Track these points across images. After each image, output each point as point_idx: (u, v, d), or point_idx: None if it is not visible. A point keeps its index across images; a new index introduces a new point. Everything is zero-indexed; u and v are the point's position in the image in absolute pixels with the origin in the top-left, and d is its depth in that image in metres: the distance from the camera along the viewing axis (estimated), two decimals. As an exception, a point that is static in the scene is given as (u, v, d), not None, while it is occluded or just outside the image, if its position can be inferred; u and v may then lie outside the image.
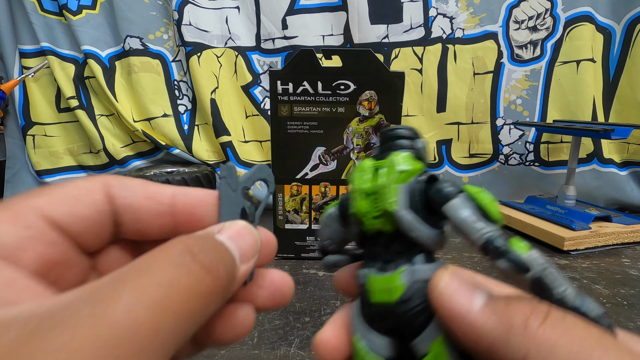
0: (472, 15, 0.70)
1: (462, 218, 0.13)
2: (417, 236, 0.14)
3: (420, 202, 0.14)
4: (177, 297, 0.10)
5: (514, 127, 0.72)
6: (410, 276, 0.14)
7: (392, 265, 0.15)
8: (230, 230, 0.13)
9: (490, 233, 0.13)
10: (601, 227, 0.54)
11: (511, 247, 0.12)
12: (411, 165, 0.15)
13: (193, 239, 0.12)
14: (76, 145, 0.80)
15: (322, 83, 0.47)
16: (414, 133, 0.16)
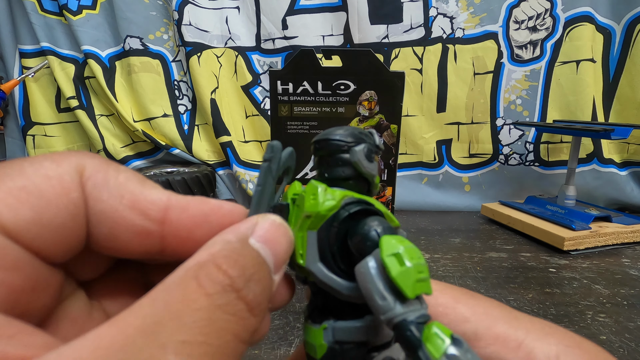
0: (472, 15, 0.70)
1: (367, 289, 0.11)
2: (335, 292, 0.12)
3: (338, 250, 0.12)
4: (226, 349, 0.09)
5: (514, 127, 0.72)
6: (330, 336, 0.12)
7: (319, 317, 0.13)
8: (264, 230, 0.11)
9: (399, 318, 0.10)
10: (601, 227, 0.54)
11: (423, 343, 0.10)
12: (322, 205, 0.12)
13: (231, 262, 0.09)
14: (76, 145, 0.80)
15: (322, 83, 0.47)
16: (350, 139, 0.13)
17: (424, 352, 0.10)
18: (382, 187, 0.48)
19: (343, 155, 0.13)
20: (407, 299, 0.10)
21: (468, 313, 0.13)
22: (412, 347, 0.10)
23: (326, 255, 0.12)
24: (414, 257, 0.11)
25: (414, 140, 0.75)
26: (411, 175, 0.76)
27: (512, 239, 0.58)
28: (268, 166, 0.12)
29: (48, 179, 0.10)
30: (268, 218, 0.11)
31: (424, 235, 0.59)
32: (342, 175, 0.13)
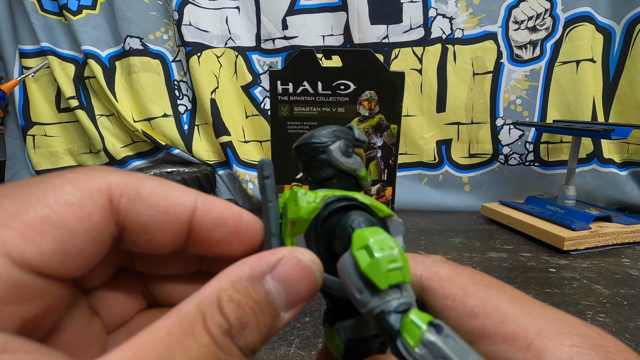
0: (472, 15, 0.70)
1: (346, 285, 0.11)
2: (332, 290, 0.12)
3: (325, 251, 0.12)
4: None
5: (514, 127, 0.72)
6: (343, 336, 0.13)
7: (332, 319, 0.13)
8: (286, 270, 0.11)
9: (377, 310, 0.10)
10: (601, 227, 0.54)
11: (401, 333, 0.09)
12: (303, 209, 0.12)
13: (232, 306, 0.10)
14: (76, 145, 0.80)
15: (322, 83, 0.47)
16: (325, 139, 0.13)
17: (402, 342, 0.09)
18: (382, 187, 0.48)
19: (321, 156, 0.13)
20: (381, 290, 0.10)
21: (477, 308, 0.12)
22: (390, 338, 0.10)
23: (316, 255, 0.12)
24: (384, 248, 0.10)
25: (414, 140, 0.75)
26: (411, 175, 0.76)
27: (512, 239, 0.58)
28: (271, 182, 0.13)
29: (70, 207, 0.09)
30: (295, 257, 0.11)
31: (424, 235, 0.59)
32: (324, 176, 0.13)
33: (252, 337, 0.10)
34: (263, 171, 0.13)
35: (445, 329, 0.09)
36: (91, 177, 0.10)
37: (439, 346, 0.09)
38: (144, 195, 0.11)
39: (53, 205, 0.09)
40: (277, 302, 0.10)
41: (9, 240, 0.09)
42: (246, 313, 0.10)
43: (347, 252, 0.11)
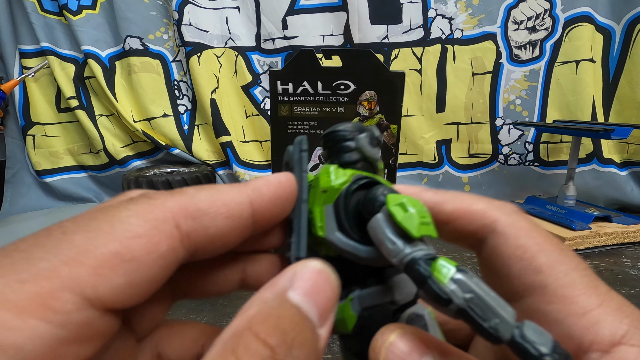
0: (471, 16, 0.70)
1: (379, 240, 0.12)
2: (356, 259, 0.13)
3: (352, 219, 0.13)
4: None
5: (514, 127, 0.72)
6: (357, 305, 0.13)
7: (344, 292, 0.13)
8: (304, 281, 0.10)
9: (408, 257, 0.11)
10: (601, 227, 0.54)
11: (432, 274, 0.11)
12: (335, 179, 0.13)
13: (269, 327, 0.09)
14: (76, 145, 0.80)
15: (322, 83, 0.47)
16: (354, 129, 0.14)
17: (433, 281, 0.10)
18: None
19: (349, 143, 0.14)
20: (414, 239, 0.11)
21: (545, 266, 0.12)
22: (422, 280, 0.11)
23: (343, 225, 0.13)
24: (416, 205, 0.12)
25: (414, 140, 0.75)
26: (411, 175, 0.76)
27: (512, 239, 0.58)
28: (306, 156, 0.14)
29: (138, 238, 0.09)
30: (307, 266, 0.11)
31: (424, 235, 0.59)
32: (350, 160, 0.14)
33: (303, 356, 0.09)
34: (301, 145, 0.14)
35: (469, 272, 0.11)
36: (153, 207, 0.10)
37: (467, 282, 0.10)
38: (205, 209, 0.11)
39: (122, 239, 0.09)
40: (310, 314, 0.10)
41: (83, 278, 0.09)
42: (286, 332, 0.09)
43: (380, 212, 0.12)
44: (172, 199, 0.11)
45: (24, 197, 0.78)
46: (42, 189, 0.80)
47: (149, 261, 0.10)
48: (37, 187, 0.80)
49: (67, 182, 0.79)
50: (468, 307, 0.10)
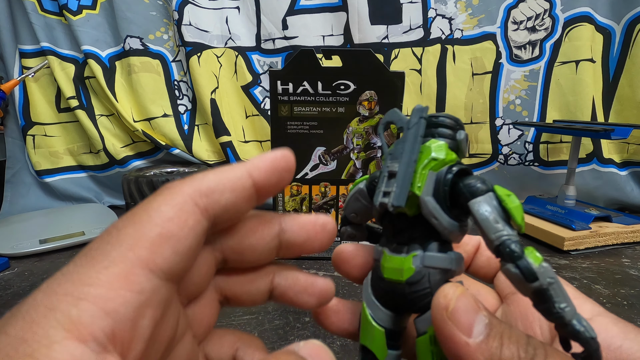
0: (471, 16, 0.70)
1: (485, 215, 0.14)
2: (437, 224, 0.15)
3: (447, 193, 0.15)
4: None
5: (514, 127, 0.72)
6: (420, 262, 0.15)
7: (406, 248, 0.16)
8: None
9: (508, 236, 0.13)
10: (601, 227, 0.54)
11: (525, 255, 0.13)
12: (445, 155, 0.15)
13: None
14: (76, 145, 0.80)
15: (322, 83, 0.47)
16: (457, 123, 0.16)
17: (527, 260, 0.13)
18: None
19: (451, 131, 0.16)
20: (516, 225, 0.13)
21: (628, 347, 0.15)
22: (516, 256, 0.13)
23: (439, 192, 0.15)
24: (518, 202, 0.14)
25: (414, 141, 0.75)
26: (411, 176, 0.76)
27: (512, 239, 0.58)
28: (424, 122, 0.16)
29: (171, 220, 0.12)
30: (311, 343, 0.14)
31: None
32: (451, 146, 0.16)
33: None
34: (423, 113, 0.16)
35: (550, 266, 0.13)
36: (175, 194, 0.13)
37: (551, 270, 0.13)
38: (213, 187, 0.14)
39: (160, 224, 0.12)
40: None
41: (145, 257, 0.12)
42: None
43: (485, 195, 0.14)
44: (188, 185, 0.13)
45: (24, 197, 0.78)
46: (42, 189, 0.80)
47: (182, 234, 0.12)
48: (37, 187, 0.80)
49: (67, 182, 0.79)
50: (549, 288, 0.12)
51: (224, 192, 0.14)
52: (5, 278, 0.47)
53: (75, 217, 0.68)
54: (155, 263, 0.12)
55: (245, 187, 0.14)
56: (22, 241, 0.55)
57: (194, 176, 0.14)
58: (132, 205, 0.64)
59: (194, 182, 0.14)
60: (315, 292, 0.17)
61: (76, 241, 0.56)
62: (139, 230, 0.12)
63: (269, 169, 0.15)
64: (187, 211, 0.13)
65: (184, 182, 0.14)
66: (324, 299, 0.17)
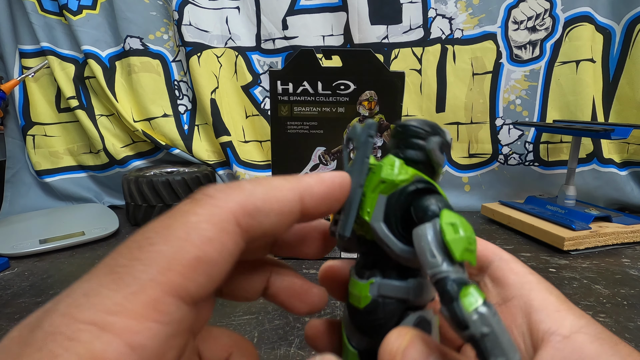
0: (471, 16, 0.70)
1: (421, 247, 0.12)
2: (389, 251, 0.14)
3: (400, 216, 0.14)
4: None
5: (514, 127, 0.72)
6: (377, 290, 0.14)
7: (367, 273, 0.15)
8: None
9: (445, 273, 0.12)
10: (601, 227, 0.54)
11: (459, 297, 0.11)
12: (397, 174, 0.14)
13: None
14: (76, 145, 0.80)
15: (322, 83, 0.47)
16: (430, 130, 0.15)
17: (459, 305, 0.11)
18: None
19: (419, 141, 0.14)
20: (454, 261, 0.12)
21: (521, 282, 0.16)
22: (448, 299, 0.11)
23: (390, 218, 0.14)
24: (467, 230, 0.12)
25: (414, 141, 0.75)
26: (411, 176, 0.76)
27: (512, 239, 0.58)
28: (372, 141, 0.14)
29: (210, 242, 0.11)
30: None
31: (424, 235, 0.59)
32: (415, 158, 0.14)
33: None
34: (370, 130, 0.14)
35: (493, 308, 0.11)
36: (217, 208, 0.12)
37: (488, 318, 0.11)
38: (260, 207, 0.12)
39: (199, 245, 0.11)
40: None
41: (177, 282, 0.10)
42: None
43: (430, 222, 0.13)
44: (232, 198, 0.12)
45: (24, 197, 0.78)
46: (42, 189, 0.80)
47: (220, 259, 0.11)
48: (37, 187, 0.80)
49: (67, 182, 0.79)
50: (481, 339, 0.11)
51: (269, 214, 0.12)
52: (5, 278, 0.47)
53: (75, 217, 0.68)
54: (187, 290, 0.11)
55: (292, 212, 0.13)
56: (22, 241, 0.55)
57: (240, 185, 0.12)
58: (132, 205, 0.65)
59: (240, 196, 0.12)
60: (308, 301, 0.16)
61: (76, 241, 0.56)
62: (174, 249, 0.11)
63: (324, 196, 0.13)
64: (229, 232, 0.11)
65: (228, 192, 0.12)
66: (315, 309, 0.16)
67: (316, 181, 0.13)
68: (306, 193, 0.13)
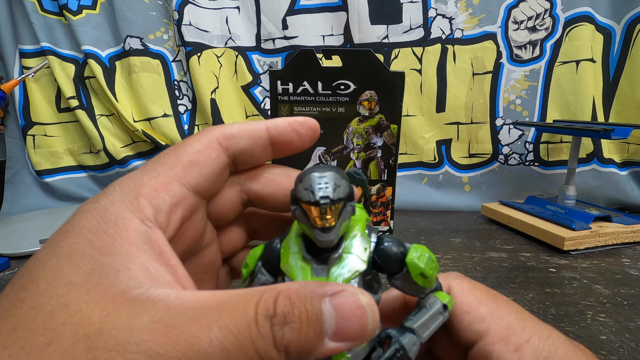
0: (471, 16, 0.70)
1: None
2: None
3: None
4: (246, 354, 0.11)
5: (514, 127, 0.72)
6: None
7: None
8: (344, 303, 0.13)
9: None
10: (601, 227, 0.54)
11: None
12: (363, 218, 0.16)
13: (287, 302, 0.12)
14: (76, 145, 0.80)
15: (322, 83, 0.47)
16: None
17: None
18: (382, 187, 0.48)
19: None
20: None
21: (486, 314, 0.16)
22: None
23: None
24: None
25: (414, 140, 0.75)
26: (411, 175, 0.76)
27: (512, 239, 0.58)
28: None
29: (199, 152, 0.17)
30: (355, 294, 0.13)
31: (424, 235, 0.59)
32: None
33: (289, 337, 0.12)
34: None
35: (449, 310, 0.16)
36: (205, 134, 0.17)
37: None
38: (235, 133, 0.18)
39: (191, 153, 0.17)
40: (326, 325, 0.12)
41: (179, 174, 0.16)
42: (293, 314, 0.12)
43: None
44: (216, 129, 0.18)
45: (24, 197, 0.78)
46: (42, 189, 0.80)
47: (207, 162, 0.17)
48: (37, 187, 0.80)
49: (67, 182, 0.79)
50: None
51: (242, 137, 0.18)
52: (6, 278, 0.47)
53: (75, 217, 0.68)
54: (185, 179, 0.16)
55: (261, 137, 0.18)
56: (22, 241, 0.55)
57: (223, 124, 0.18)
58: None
59: (222, 128, 0.18)
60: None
61: (76, 241, 0.56)
62: (177, 156, 0.16)
63: (286, 127, 0.18)
64: (212, 147, 0.17)
65: (214, 127, 0.18)
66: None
67: (279, 119, 0.18)
68: (271, 125, 0.18)
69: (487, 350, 0.15)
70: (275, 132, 0.18)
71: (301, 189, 0.14)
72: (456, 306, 0.17)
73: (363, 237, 0.15)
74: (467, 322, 0.16)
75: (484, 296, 0.17)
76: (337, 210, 0.13)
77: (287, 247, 0.15)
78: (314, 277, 0.14)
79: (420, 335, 0.15)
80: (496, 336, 0.16)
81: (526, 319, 0.16)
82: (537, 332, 0.16)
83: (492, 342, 0.15)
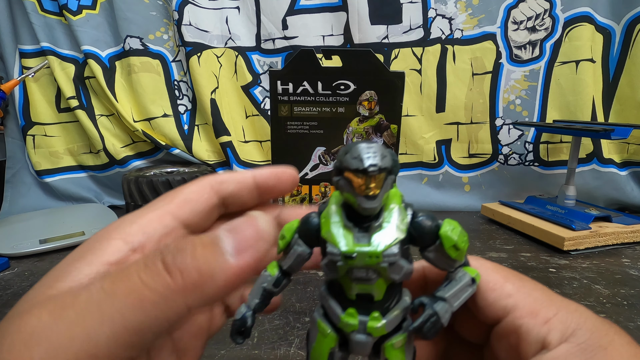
0: (471, 16, 0.70)
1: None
2: None
3: None
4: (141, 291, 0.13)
5: (514, 127, 0.72)
6: None
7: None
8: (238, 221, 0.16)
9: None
10: (601, 227, 0.54)
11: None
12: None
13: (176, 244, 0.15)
14: (76, 145, 0.80)
15: (322, 83, 0.47)
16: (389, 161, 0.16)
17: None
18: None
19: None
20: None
21: (513, 290, 0.17)
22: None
23: None
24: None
25: (414, 140, 0.75)
26: (411, 175, 0.76)
27: (512, 239, 0.58)
28: None
29: (193, 193, 0.19)
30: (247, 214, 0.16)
31: (424, 235, 0.59)
32: None
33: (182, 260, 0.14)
34: None
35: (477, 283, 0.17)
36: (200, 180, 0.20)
37: None
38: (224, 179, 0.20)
39: (187, 194, 0.19)
40: (224, 243, 0.15)
41: (173, 210, 0.18)
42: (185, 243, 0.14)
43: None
44: (209, 177, 0.20)
45: (24, 197, 0.78)
46: (42, 189, 0.80)
47: (199, 201, 0.19)
48: (37, 187, 0.80)
49: (67, 182, 0.79)
50: None
51: (231, 182, 0.20)
52: (5, 278, 0.47)
53: (75, 217, 0.68)
54: (178, 214, 0.18)
55: (247, 182, 0.20)
56: (22, 241, 0.55)
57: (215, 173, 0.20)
58: (132, 205, 0.65)
59: (215, 176, 0.20)
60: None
61: (76, 241, 0.56)
62: (173, 197, 0.19)
63: (269, 174, 0.20)
64: (204, 190, 0.19)
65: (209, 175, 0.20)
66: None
67: (265, 167, 0.21)
68: (257, 173, 0.20)
69: (516, 324, 0.16)
70: (260, 178, 0.20)
71: (349, 158, 0.14)
72: (481, 284, 0.17)
73: (401, 209, 0.16)
74: (492, 298, 0.17)
75: (509, 274, 0.17)
76: (381, 179, 0.14)
77: (328, 216, 0.16)
78: (356, 243, 0.15)
79: (451, 304, 0.16)
80: (524, 310, 0.16)
81: (552, 295, 0.17)
82: (565, 306, 0.16)
83: (521, 317, 0.16)
